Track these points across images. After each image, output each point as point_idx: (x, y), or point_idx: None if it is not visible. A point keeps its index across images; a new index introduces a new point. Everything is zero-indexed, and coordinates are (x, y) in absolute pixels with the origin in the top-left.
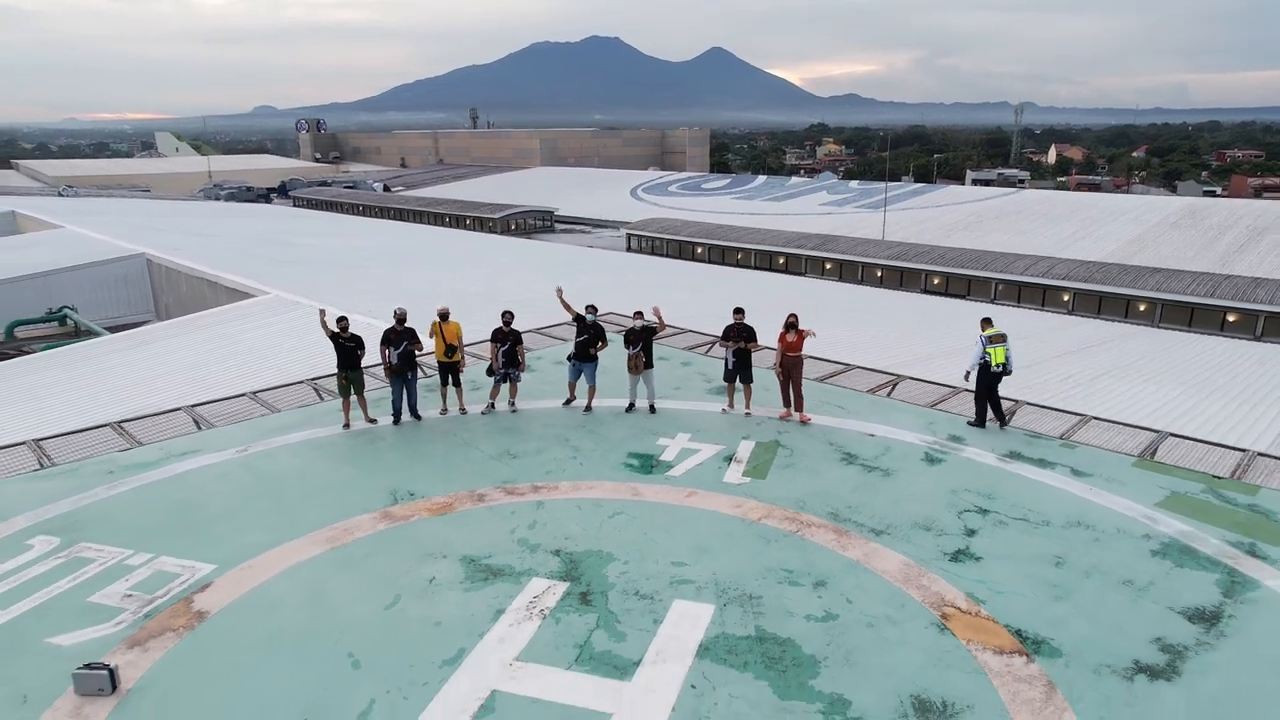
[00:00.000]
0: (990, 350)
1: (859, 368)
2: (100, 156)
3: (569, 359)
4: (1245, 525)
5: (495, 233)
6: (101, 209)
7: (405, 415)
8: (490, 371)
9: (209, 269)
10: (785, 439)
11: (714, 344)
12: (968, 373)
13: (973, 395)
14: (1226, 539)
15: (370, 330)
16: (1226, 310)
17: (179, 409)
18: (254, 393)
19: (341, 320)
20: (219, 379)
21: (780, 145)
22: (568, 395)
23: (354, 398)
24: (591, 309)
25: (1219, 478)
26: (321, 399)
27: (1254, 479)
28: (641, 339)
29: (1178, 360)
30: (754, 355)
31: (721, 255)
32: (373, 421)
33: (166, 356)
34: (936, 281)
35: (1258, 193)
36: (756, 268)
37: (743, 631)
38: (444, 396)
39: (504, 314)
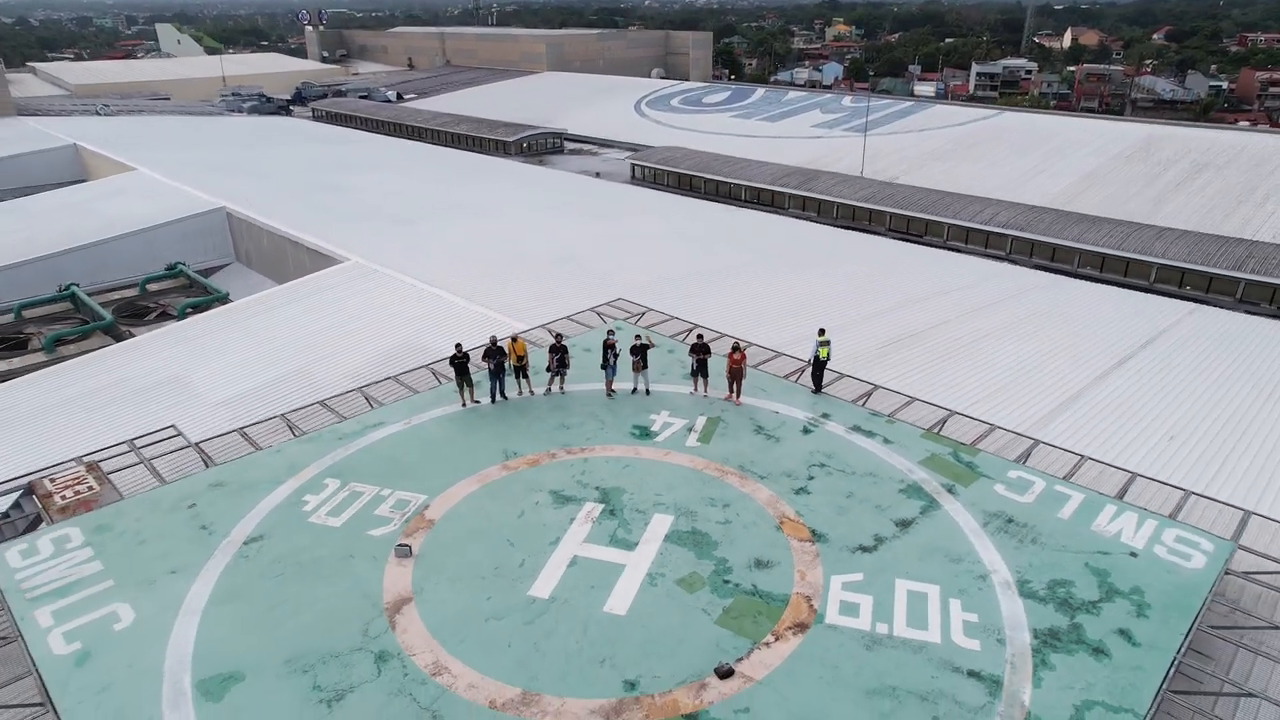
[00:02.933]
0: (820, 350)
1: (785, 355)
2: (87, 31)
3: (602, 367)
4: (956, 474)
5: (511, 154)
6: (150, 137)
7: (498, 397)
8: (548, 369)
9: (288, 228)
10: (725, 416)
11: (689, 331)
12: (809, 361)
13: (812, 376)
14: (941, 482)
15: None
16: (1129, 262)
17: (354, 389)
18: (395, 375)
19: (459, 348)
20: (346, 345)
21: (789, 25)
22: (607, 389)
23: (467, 390)
24: (612, 338)
25: (962, 444)
26: (440, 382)
27: (984, 445)
28: (641, 352)
29: (1037, 327)
30: (710, 358)
31: (716, 189)
32: (477, 402)
33: (296, 321)
34: (898, 224)
35: (1264, 87)
36: (746, 201)
37: (685, 528)
38: (518, 385)
39: (556, 335)
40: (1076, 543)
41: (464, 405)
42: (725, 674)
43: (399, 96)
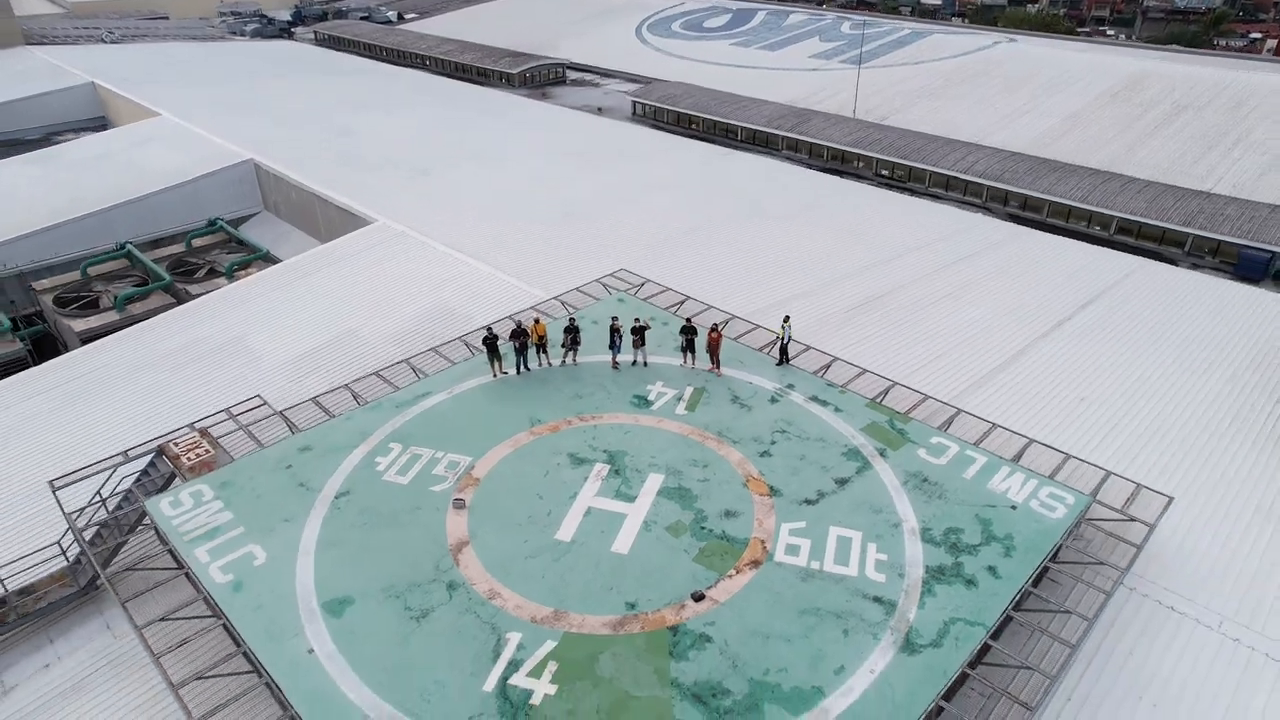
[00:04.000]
0: (783, 328)
1: (761, 327)
2: None
3: (610, 346)
4: (889, 439)
5: (515, 86)
6: (163, 70)
7: (522, 370)
8: (563, 345)
9: (316, 185)
10: (709, 386)
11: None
12: (773, 341)
13: (779, 351)
14: (876, 447)
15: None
16: (1091, 214)
17: (401, 360)
18: (435, 347)
19: (490, 330)
20: (384, 309)
21: None
22: (612, 362)
23: (496, 364)
24: (616, 322)
25: (898, 413)
26: (473, 354)
27: (916, 413)
28: (640, 332)
29: (989, 289)
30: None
31: (713, 127)
32: (505, 373)
33: (337, 285)
34: (883, 168)
35: None
36: (742, 140)
37: (673, 485)
38: (539, 359)
39: (570, 319)
40: (972, 498)
41: (494, 376)
42: (698, 598)
43: (399, 17)
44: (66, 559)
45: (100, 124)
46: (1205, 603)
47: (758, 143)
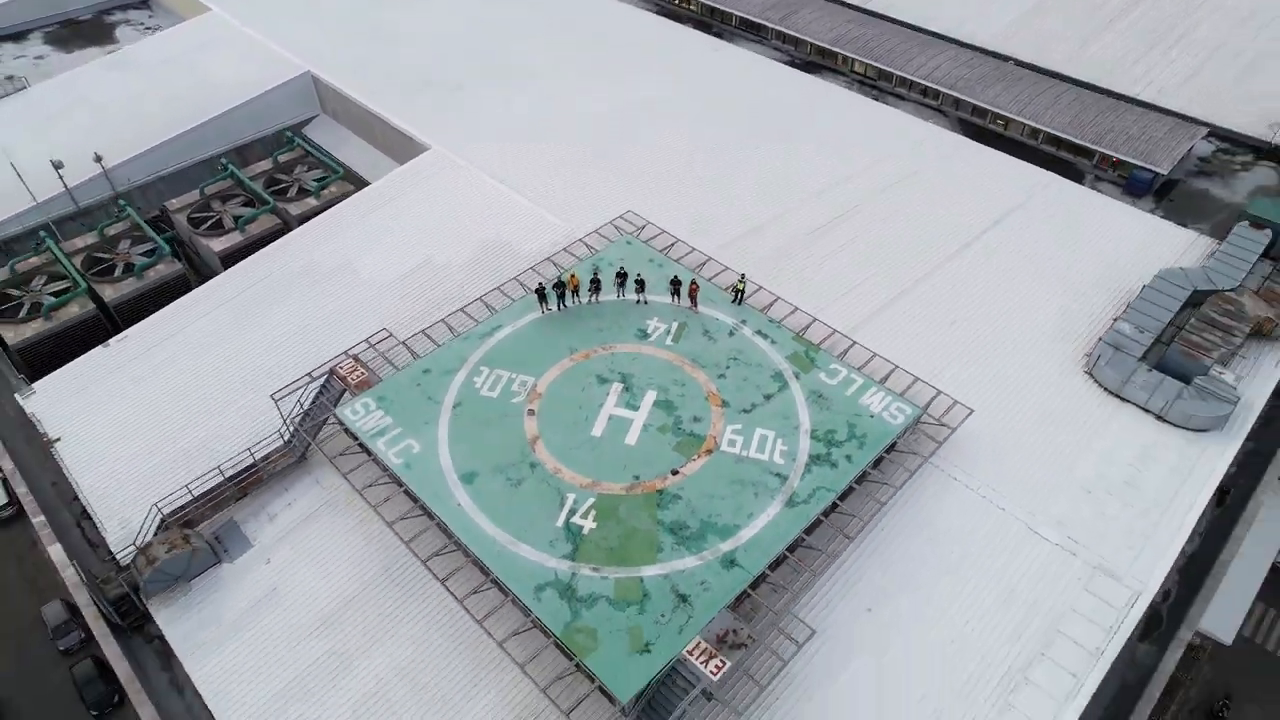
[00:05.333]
0: (741, 283)
1: (730, 268)
2: None
3: (618, 286)
4: (803, 365)
5: None
6: None
7: (561, 308)
8: (589, 289)
9: (370, 104)
10: (689, 322)
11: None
12: (735, 288)
13: (735, 298)
14: (793, 371)
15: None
16: (1024, 125)
17: (477, 299)
18: (499, 286)
19: (540, 284)
20: (451, 238)
21: None
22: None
23: (543, 305)
24: (621, 275)
25: (812, 344)
26: (525, 292)
27: (826, 344)
28: (641, 283)
29: (917, 213)
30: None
31: (710, 12)
32: (549, 310)
33: (409, 214)
34: (858, 69)
35: None
36: (738, 28)
37: (662, 399)
38: (574, 298)
39: (594, 271)
40: (846, 410)
41: (543, 314)
42: (675, 473)
43: None
44: (283, 439)
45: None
46: (979, 478)
47: (751, 31)
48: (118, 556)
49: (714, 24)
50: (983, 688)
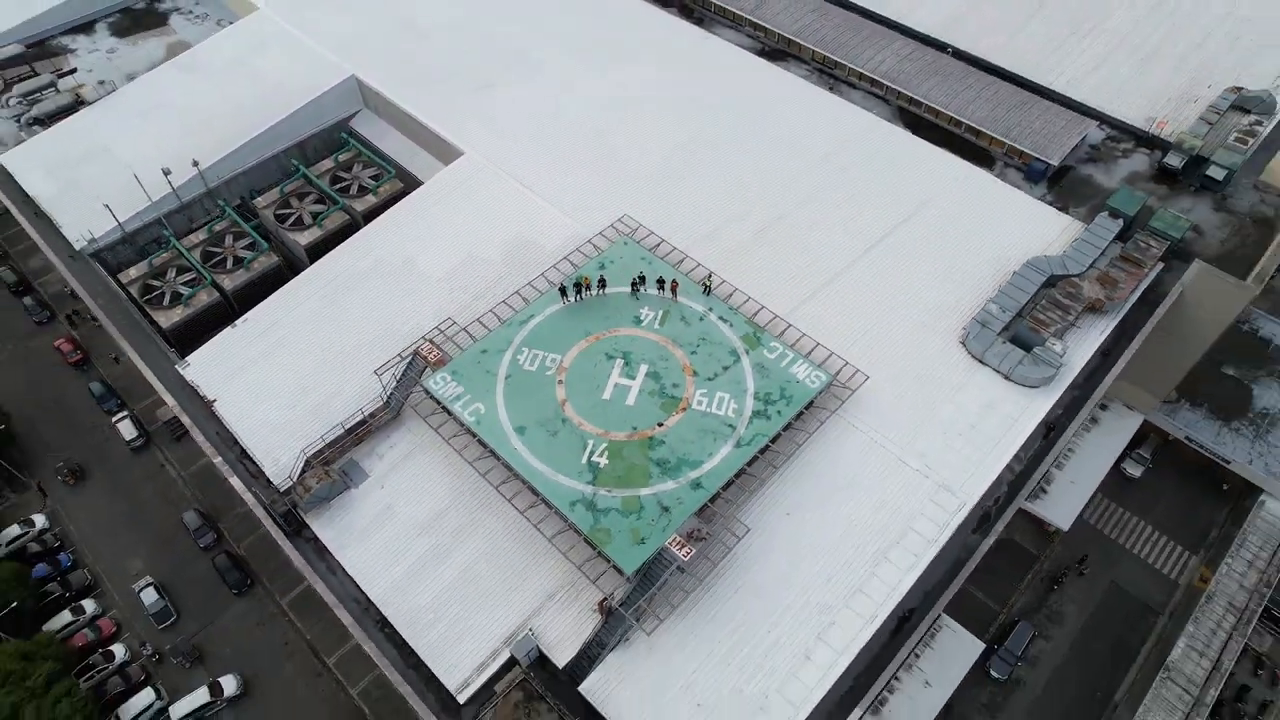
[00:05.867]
0: (708, 283)
1: (701, 264)
2: None
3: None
4: (751, 344)
5: None
6: None
7: (577, 300)
8: (598, 285)
9: (409, 107)
10: (671, 310)
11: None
12: (705, 283)
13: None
14: (744, 349)
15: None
16: (950, 118)
17: (514, 292)
18: (529, 282)
19: (562, 283)
20: (487, 237)
21: None
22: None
23: (564, 298)
24: (640, 280)
25: (760, 326)
26: (550, 285)
27: (769, 326)
28: (635, 283)
29: (850, 213)
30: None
31: (704, 4)
32: (568, 302)
33: (453, 215)
34: (816, 58)
35: None
36: (721, 17)
37: (650, 371)
38: (587, 292)
39: (601, 272)
40: (780, 377)
41: (564, 305)
42: (660, 425)
43: None
44: (383, 401)
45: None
46: (870, 425)
47: (729, 20)
48: (276, 485)
49: (696, 9)
50: (858, 563)
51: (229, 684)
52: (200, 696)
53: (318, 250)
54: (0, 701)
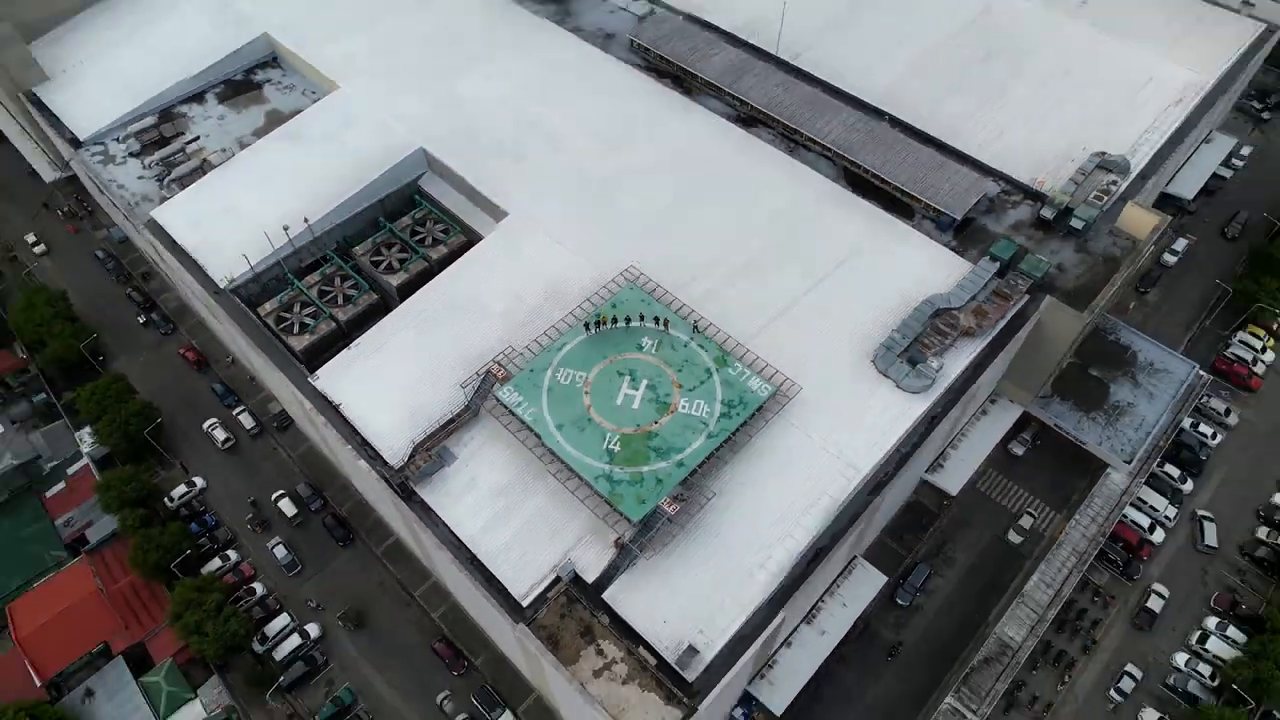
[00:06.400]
0: (695, 322)
1: (686, 304)
2: None
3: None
4: (720, 363)
5: None
6: (313, 15)
7: (596, 331)
8: (611, 320)
9: (465, 174)
10: (664, 340)
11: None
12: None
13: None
14: (715, 368)
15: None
16: (882, 179)
17: (551, 326)
18: (563, 318)
19: (586, 320)
20: (528, 285)
21: None
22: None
23: (586, 330)
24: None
25: (726, 351)
26: (576, 320)
27: (732, 350)
28: (635, 320)
29: (790, 254)
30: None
31: (683, 71)
32: (591, 334)
33: (502, 266)
34: (780, 126)
35: None
36: (707, 91)
37: (650, 384)
38: (604, 327)
39: (613, 311)
40: (739, 388)
41: (587, 336)
42: (655, 423)
43: None
44: (465, 406)
45: (272, 58)
46: (802, 423)
47: (715, 93)
48: (393, 465)
49: (686, 80)
50: (789, 516)
51: (313, 629)
52: (294, 640)
53: (406, 289)
54: (188, 619)
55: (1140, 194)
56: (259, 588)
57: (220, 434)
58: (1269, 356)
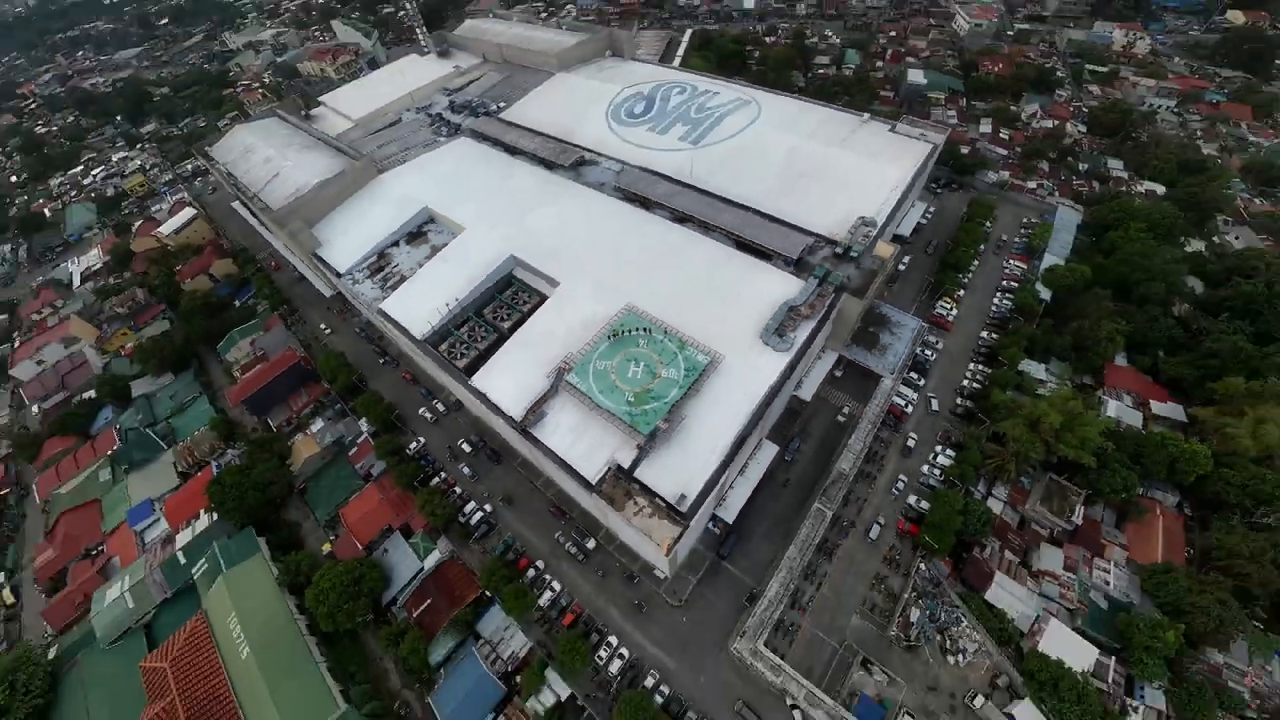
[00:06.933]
0: (670, 337)
1: (662, 321)
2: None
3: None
4: (680, 348)
5: (568, 169)
6: (444, 187)
7: (615, 339)
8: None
9: (537, 266)
10: (652, 341)
11: (643, 314)
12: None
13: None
14: (678, 350)
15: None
16: (769, 251)
17: (590, 340)
18: (594, 336)
19: (609, 335)
20: (572, 335)
21: None
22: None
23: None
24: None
25: (684, 342)
26: (601, 336)
27: (690, 342)
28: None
29: (731, 295)
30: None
31: (648, 202)
32: (610, 340)
33: (556, 325)
34: (695, 220)
35: None
36: (658, 205)
37: (645, 365)
38: (620, 335)
39: (636, 328)
40: (691, 360)
41: (608, 342)
42: (649, 385)
43: (497, 107)
44: (550, 386)
45: (430, 219)
46: (723, 378)
47: (659, 205)
48: (517, 418)
49: (646, 202)
50: (722, 426)
51: (487, 508)
52: (479, 514)
53: (511, 329)
54: (427, 508)
55: (884, 236)
56: (458, 489)
57: (428, 414)
58: (955, 313)
